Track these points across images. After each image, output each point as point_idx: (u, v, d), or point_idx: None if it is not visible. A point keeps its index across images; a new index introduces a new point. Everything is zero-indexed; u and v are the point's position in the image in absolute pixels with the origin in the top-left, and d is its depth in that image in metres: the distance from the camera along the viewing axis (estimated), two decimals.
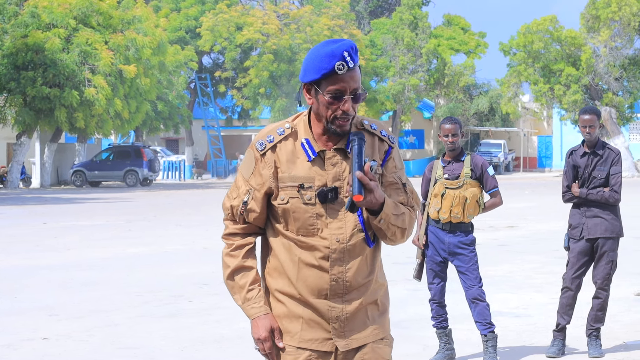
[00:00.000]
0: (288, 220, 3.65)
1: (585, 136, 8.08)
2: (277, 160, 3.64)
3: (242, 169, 3.72)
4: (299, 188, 3.61)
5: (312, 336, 3.66)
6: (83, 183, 47.12)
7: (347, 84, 3.53)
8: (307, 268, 3.63)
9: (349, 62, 3.51)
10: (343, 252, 3.63)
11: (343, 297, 3.64)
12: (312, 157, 3.62)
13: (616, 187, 8.04)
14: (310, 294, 3.64)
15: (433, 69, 61.66)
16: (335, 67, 3.50)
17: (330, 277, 3.62)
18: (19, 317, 10.07)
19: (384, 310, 3.78)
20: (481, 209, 7.86)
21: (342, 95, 3.54)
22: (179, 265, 14.50)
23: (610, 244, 8.05)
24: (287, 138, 3.67)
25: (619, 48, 54.94)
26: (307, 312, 3.66)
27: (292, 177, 3.62)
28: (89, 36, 42.02)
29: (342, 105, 3.55)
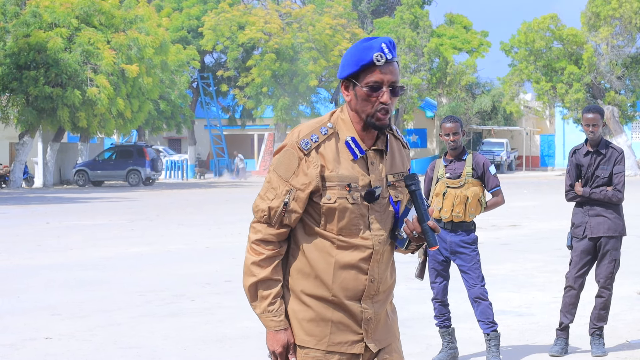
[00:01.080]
0: (331, 219, 3.59)
1: (589, 135, 8.07)
2: (323, 159, 3.58)
3: (280, 170, 3.60)
4: (348, 188, 3.58)
5: (342, 339, 3.63)
6: (85, 182, 47.14)
7: (384, 76, 3.53)
8: (344, 269, 3.60)
9: (386, 54, 3.52)
10: (382, 254, 3.63)
11: (374, 298, 3.64)
12: (358, 155, 3.60)
13: (619, 186, 8.03)
14: (345, 295, 3.61)
15: (435, 68, 61.64)
16: (374, 58, 3.51)
17: (369, 277, 3.61)
18: (22, 316, 10.08)
19: (394, 310, 3.82)
20: (483, 208, 7.85)
21: (380, 87, 3.55)
22: (181, 264, 14.50)
23: (613, 242, 8.04)
24: (330, 137, 3.62)
25: (620, 46, 54.91)
26: (336, 315, 3.62)
27: (339, 177, 3.58)
28: (91, 36, 42.04)
29: (380, 97, 3.55)
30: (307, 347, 3.64)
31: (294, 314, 3.66)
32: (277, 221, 3.61)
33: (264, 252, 3.62)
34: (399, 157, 3.72)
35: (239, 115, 62.74)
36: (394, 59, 3.55)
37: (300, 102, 56.70)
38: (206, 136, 65.79)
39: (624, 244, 8.48)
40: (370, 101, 3.56)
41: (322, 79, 57.61)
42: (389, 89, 3.55)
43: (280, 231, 3.63)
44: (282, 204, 3.58)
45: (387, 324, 3.72)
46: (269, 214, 3.61)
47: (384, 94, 3.54)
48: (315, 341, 3.63)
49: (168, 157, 59.86)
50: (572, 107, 54.41)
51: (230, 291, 11.69)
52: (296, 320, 3.66)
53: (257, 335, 8.93)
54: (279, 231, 3.63)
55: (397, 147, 3.73)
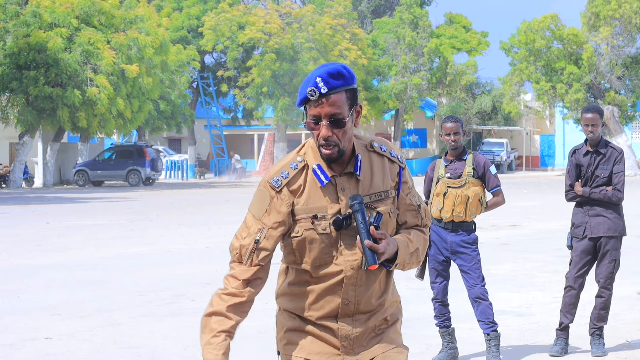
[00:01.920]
0: (303, 252, 3.61)
1: (588, 135, 8.06)
2: (294, 196, 3.58)
3: (253, 209, 3.63)
4: (312, 219, 3.57)
5: (321, 350, 3.65)
6: (85, 182, 47.14)
7: (321, 110, 3.48)
8: (320, 295, 3.63)
9: (320, 87, 3.45)
10: (356, 278, 3.61)
11: (352, 317, 3.65)
12: (324, 182, 3.57)
13: (619, 185, 8.02)
14: (320, 315, 3.65)
15: (435, 67, 61.64)
16: (307, 93, 3.48)
17: (343, 300, 3.62)
18: (22, 316, 10.08)
19: (393, 322, 3.78)
20: (483, 208, 7.85)
21: (319, 120, 3.50)
22: (181, 264, 14.50)
23: (613, 242, 8.04)
24: (300, 171, 3.61)
25: (620, 46, 54.92)
26: (316, 329, 3.67)
27: (305, 209, 3.57)
28: (91, 36, 42.05)
29: (320, 130, 3.50)
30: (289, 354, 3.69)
31: (279, 324, 3.76)
32: (248, 259, 3.64)
33: (229, 289, 3.65)
34: (380, 175, 3.64)
35: (240, 115, 62.74)
36: (331, 91, 3.47)
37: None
38: (206, 136, 65.81)
39: (624, 244, 8.48)
40: (314, 134, 3.53)
41: None
42: (327, 122, 3.49)
43: (252, 270, 3.63)
44: (253, 241, 3.61)
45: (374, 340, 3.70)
46: (240, 252, 3.65)
47: (322, 128, 3.49)
48: (297, 349, 3.67)
49: (168, 157, 59.87)
50: (572, 107, 54.42)
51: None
52: (281, 329, 3.74)
53: (256, 335, 8.93)
54: (251, 270, 3.64)
55: (379, 164, 3.65)
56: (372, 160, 3.65)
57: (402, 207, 3.70)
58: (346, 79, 3.50)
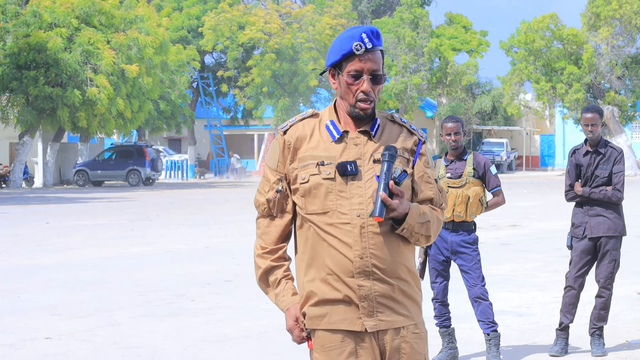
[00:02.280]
0: (310, 199, 3.65)
1: (588, 134, 8.06)
2: (297, 141, 3.69)
3: (269, 161, 3.75)
4: (317, 164, 3.63)
5: (342, 316, 3.64)
6: (85, 182, 47.13)
7: (364, 64, 3.60)
8: (332, 246, 3.62)
9: (366, 43, 3.58)
10: (364, 228, 3.61)
11: (370, 275, 3.61)
12: (336, 137, 3.66)
13: (619, 185, 8.02)
14: (339, 272, 3.62)
15: (435, 67, 61.65)
16: (353, 47, 3.58)
17: (354, 252, 3.60)
18: (22, 316, 10.08)
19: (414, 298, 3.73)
20: (484, 207, 7.85)
21: (360, 76, 3.60)
22: (181, 264, 14.50)
23: (613, 242, 8.04)
24: (309, 119, 3.73)
25: (620, 47, 54.91)
26: (333, 292, 3.64)
27: (313, 156, 3.65)
28: (91, 36, 42.05)
29: (361, 85, 3.60)
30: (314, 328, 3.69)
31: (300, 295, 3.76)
32: (278, 210, 3.75)
33: (267, 246, 3.78)
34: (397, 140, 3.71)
35: (240, 115, 62.74)
36: (375, 47, 3.60)
37: (301, 102, 56.71)
38: (206, 136, 65.81)
39: (624, 244, 8.48)
40: (352, 90, 3.62)
41: (322, 79, 57.60)
42: (369, 77, 3.61)
43: (282, 221, 3.75)
44: (276, 192, 3.70)
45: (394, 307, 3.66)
46: (269, 206, 3.75)
47: (364, 82, 3.60)
48: (318, 321, 3.67)
49: (168, 157, 59.86)
50: (572, 107, 54.42)
51: (230, 291, 11.69)
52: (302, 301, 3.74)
53: (257, 335, 8.93)
54: (281, 221, 3.76)
55: (398, 132, 3.74)
56: (391, 128, 3.74)
57: (418, 176, 3.74)
58: (381, 40, 3.66)
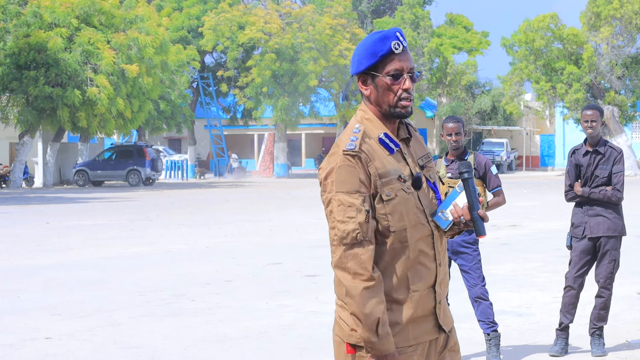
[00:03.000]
0: (396, 215, 3.54)
1: (587, 130, 8.06)
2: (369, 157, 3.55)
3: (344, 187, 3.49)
4: (401, 179, 3.57)
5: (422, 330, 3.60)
6: (86, 182, 47.14)
7: (404, 63, 3.57)
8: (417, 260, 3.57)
9: (402, 41, 3.58)
10: (439, 237, 3.66)
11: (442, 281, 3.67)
12: (394, 150, 3.60)
13: (618, 185, 8.03)
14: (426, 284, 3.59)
15: (435, 67, 61.64)
16: (392, 46, 3.55)
17: (437, 261, 3.62)
18: (22, 316, 10.08)
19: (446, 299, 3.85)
20: (484, 208, 7.85)
21: (401, 74, 3.58)
22: (181, 264, 14.50)
23: (612, 242, 8.04)
24: (364, 136, 3.59)
25: (621, 47, 54.92)
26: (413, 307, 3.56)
27: (390, 171, 3.55)
28: (91, 35, 42.05)
29: (402, 84, 3.57)
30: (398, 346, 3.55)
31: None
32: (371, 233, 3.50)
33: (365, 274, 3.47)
34: (419, 141, 3.77)
35: (239, 115, 62.74)
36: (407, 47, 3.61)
37: (300, 102, 56.72)
38: (206, 136, 65.81)
39: (624, 244, 8.48)
40: (393, 90, 3.57)
41: (322, 79, 57.60)
42: (408, 75, 3.59)
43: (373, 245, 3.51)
44: (365, 213, 3.49)
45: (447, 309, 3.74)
46: (362, 230, 3.47)
47: (405, 81, 3.57)
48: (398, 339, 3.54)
49: (168, 157, 59.86)
50: (572, 107, 54.42)
51: (230, 291, 11.69)
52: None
53: (257, 335, 8.93)
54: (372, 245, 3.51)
55: (416, 136, 3.78)
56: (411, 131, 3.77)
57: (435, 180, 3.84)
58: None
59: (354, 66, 3.62)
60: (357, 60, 3.59)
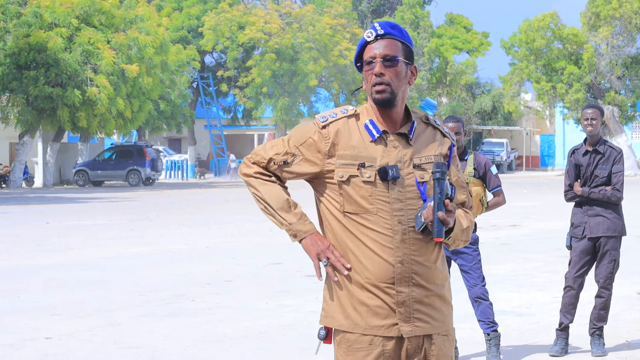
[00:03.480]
0: (348, 199, 3.61)
1: (587, 128, 8.06)
2: (337, 137, 3.64)
3: (294, 134, 3.71)
4: (359, 166, 3.60)
5: (378, 322, 3.60)
6: (86, 182, 47.13)
7: (377, 50, 3.61)
8: (372, 250, 3.59)
9: (377, 30, 3.61)
10: (406, 234, 3.59)
11: (410, 281, 3.60)
12: (375, 136, 3.63)
13: (618, 185, 8.03)
14: (378, 277, 3.59)
15: (435, 67, 61.64)
16: (365, 35, 3.64)
17: (396, 259, 3.58)
18: (22, 316, 10.07)
19: (448, 301, 3.74)
20: (484, 208, 7.85)
21: (373, 61, 3.62)
22: (181, 264, 14.50)
23: (612, 242, 8.04)
24: (350, 117, 3.68)
25: (620, 47, 54.93)
26: (372, 298, 3.60)
27: (353, 156, 3.61)
28: (91, 35, 42.04)
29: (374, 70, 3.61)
30: (346, 331, 3.64)
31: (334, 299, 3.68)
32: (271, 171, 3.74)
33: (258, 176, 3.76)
34: (432, 143, 3.71)
35: (240, 115, 62.75)
36: (387, 34, 3.62)
37: (300, 102, 56.72)
38: (206, 136, 65.81)
39: (624, 244, 8.48)
40: (368, 78, 3.63)
41: (322, 79, 57.61)
42: (380, 60, 3.61)
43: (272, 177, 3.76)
44: (283, 162, 3.70)
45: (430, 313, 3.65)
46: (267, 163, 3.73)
47: (376, 65, 3.60)
48: (353, 325, 3.62)
49: (168, 157, 59.85)
50: (572, 107, 54.43)
51: (230, 291, 11.69)
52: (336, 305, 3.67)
53: (257, 335, 8.93)
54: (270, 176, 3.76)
55: (432, 135, 3.74)
56: (426, 131, 3.74)
57: (453, 180, 3.77)
58: (402, 33, 3.67)
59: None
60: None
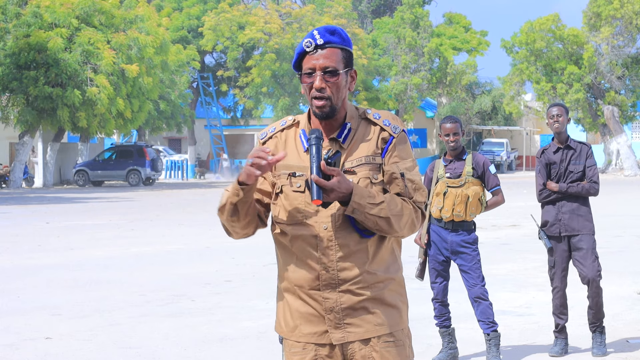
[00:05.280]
0: (280, 208, 3.63)
1: (554, 125, 8.14)
2: (275, 150, 3.62)
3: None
4: (289, 175, 3.59)
5: (311, 330, 3.59)
6: (86, 182, 47.15)
7: (316, 62, 3.54)
8: (299, 258, 3.59)
9: (317, 39, 3.53)
10: (331, 241, 3.54)
11: (336, 287, 3.55)
12: (306, 146, 3.59)
13: (595, 177, 8.10)
14: (305, 284, 3.58)
15: (435, 67, 61.66)
16: (304, 45, 3.56)
17: (320, 265, 3.55)
18: (22, 316, 10.08)
19: (390, 304, 3.63)
20: (483, 207, 7.87)
21: (312, 73, 3.55)
22: (181, 264, 14.51)
23: (590, 241, 8.07)
24: (289, 128, 3.69)
25: (621, 47, 54.94)
26: (304, 305, 3.61)
27: (286, 166, 3.61)
28: (91, 35, 42.04)
29: (313, 82, 3.54)
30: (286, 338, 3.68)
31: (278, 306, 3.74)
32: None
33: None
34: (367, 142, 3.61)
35: (239, 115, 62.77)
36: (326, 44, 3.54)
37: (301, 101, 56.75)
38: (206, 136, 65.81)
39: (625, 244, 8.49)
40: (307, 88, 3.57)
41: None
42: (321, 73, 3.54)
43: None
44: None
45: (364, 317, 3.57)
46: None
47: (316, 79, 3.53)
48: (289, 332, 3.65)
49: (168, 157, 59.88)
50: (572, 107, 54.42)
51: (230, 291, 11.69)
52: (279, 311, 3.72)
53: (257, 335, 8.93)
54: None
55: (368, 132, 3.63)
56: (363, 128, 3.65)
57: (387, 175, 3.61)
58: (342, 38, 3.59)
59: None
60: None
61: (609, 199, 26.22)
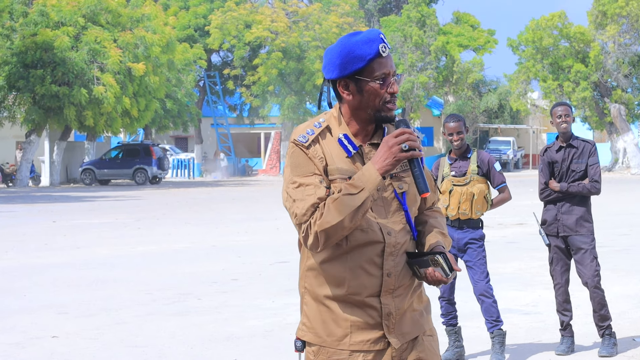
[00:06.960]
0: None
1: (561, 125, 8.13)
2: (323, 151, 3.50)
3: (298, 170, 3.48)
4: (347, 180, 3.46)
5: (363, 338, 3.53)
6: (92, 181, 47.20)
7: (390, 67, 3.49)
8: (358, 265, 3.51)
9: (388, 44, 3.48)
10: (394, 246, 3.52)
11: (393, 292, 3.54)
12: (352, 152, 3.51)
13: (596, 176, 8.08)
14: (362, 292, 3.51)
15: (442, 66, 61.62)
16: (380, 49, 3.45)
17: (385, 272, 3.51)
18: (29, 315, 10.09)
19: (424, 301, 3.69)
20: (489, 205, 7.87)
21: (387, 78, 3.48)
22: (187, 263, 14.52)
23: (590, 240, 8.06)
24: (324, 131, 3.54)
25: (627, 45, 54.83)
26: (356, 313, 3.53)
27: (340, 170, 3.48)
28: (98, 34, 42.11)
29: (389, 87, 3.47)
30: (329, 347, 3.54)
31: (314, 315, 3.58)
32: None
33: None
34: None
35: (246, 114, 62.79)
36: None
37: (307, 100, 56.75)
38: (213, 135, 65.83)
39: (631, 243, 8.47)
40: (380, 94, 3.47)
41: None
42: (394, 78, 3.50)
43: None
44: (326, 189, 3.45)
45: (413, 318, 3.60)
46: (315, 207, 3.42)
47: (393, 84, 3.48)
48: (335, 341, 3.53)
49: (175, 155, 59.89)
50: (579, 105, 54.34)
51: (236, 290, 11.70)
52: (317, 321, 3.57)
53: (263, 333, 8.94)
54: None
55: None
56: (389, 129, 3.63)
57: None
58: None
59: (334, 70, 3.49)
60: (340, 64, 3.47)
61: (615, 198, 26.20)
